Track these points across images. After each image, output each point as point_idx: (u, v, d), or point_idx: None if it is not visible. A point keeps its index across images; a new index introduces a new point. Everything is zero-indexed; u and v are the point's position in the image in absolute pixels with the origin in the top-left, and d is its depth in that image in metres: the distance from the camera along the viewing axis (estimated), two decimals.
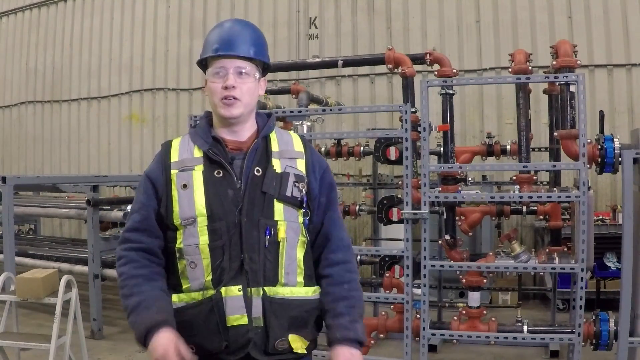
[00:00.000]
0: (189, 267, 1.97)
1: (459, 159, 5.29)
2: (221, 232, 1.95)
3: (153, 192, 2.04)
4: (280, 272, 1.98)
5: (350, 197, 8.26)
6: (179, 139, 2.13)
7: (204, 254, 1.95)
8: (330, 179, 2.17)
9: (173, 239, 2.01)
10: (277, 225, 1.98)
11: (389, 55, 5.31)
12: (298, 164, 2.08)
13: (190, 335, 1.93)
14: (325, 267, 2.10)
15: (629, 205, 4.19)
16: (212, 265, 1.94)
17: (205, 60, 2.08)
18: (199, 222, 1.96)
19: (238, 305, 1.92)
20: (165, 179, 2.03)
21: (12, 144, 12.45)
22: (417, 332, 4.65)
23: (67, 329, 4.74)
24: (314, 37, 9.62)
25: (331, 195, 2.15)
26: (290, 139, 2.14)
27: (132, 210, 2.10)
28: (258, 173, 2.01)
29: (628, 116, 7.95)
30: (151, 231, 2.03)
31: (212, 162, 2.01)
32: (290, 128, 5.75)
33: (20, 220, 9.27)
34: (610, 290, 6.59)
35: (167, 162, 2.05)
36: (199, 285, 1.95)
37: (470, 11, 8.70)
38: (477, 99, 8.61)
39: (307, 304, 2.02)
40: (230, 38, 2.03)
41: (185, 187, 1.99)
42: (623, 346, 4.19)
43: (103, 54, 11.36)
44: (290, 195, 2.02)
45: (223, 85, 2.00)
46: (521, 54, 4.77)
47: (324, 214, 2.12)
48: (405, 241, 4.62)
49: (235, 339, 1.92)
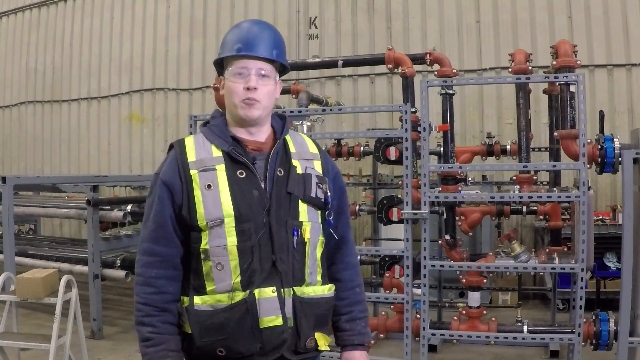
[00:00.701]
0: (215, 269, 1.92)
1: (459, 159, 5.29)
2: (250, 232, 1.92)
3: (169, 197, 1.97)
4: (306, 272, 1.99)
5: (350, 197, 8.24)
6: (192, 138, 2.07)
7: (232, 255, 1.91)
8: (341, 183, 2.21)
9: (197, 240, 1.95)
10: (302, 225, 1.99)
11: (389, 55, 5.31)
12: (316, 165, 2.09)
13: (221, 339, 1.91)
14: (341, 270, 2.16)
15: (629, 205, 4.19)
16: (240, 267, 1.91)
17: (222, 60, 2.06)
18: (226, 223, 1.92)
19: (273, 307, 1.91)
20: (185, 179, 1.97)
21: (12, 144, 12.45)
22: (417, 332, 4.65)
23: (67, 329, 4.74)
24: (314, 37, 9.62)
25: (343, 198, 2.19)
26: (304, 141, 2.15)
27: (146, 217, 2.02)
28: (281, 174, 2.00)
29: (628, 116, 7.95)
30: (168, 239, 1.97)
31: (234, 162, 1.98)
32: (290, 128, 5.75)
33: (20, 220, 9.27)
34: (610, 290, 6.60)
35: (184, 162, 1.98)
36: (226, 287, 1.91)
37: (470, 11, 8.71)
38: (477, 99, 8.62)
39: (327, 302, 2.06)
40: (253, 38, 2.02)
41: (209, 187, 1.94)
42: (623, 346, 4.19)
43: (103, 54, 11.37)
44: (315, 196, 2.03)
45: (245, 87, 1.98)
46: (521, 54, 4.77)
47: (339, 216, 2.15)
48: (405, 241, 4.62)
49: (270, 340, 1.91)
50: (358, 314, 2.14)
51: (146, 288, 1.96)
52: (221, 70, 2.09)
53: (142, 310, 1.95)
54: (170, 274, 1.98)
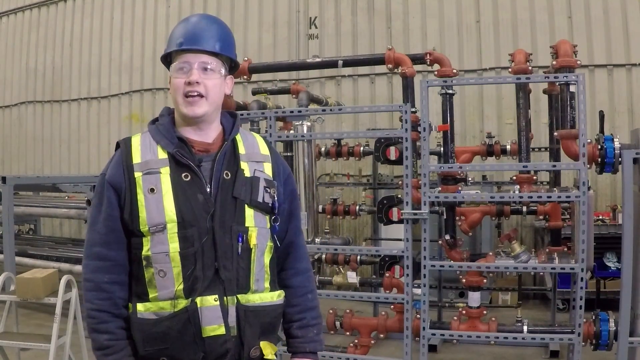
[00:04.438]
0: (158, 276, 1.85)
1: (459, 159, 5.29)
2: (193, 239, 1.85)
3: (116, 199, 1.90)
4: (251, 279, 1.93)
5: (350, 197, 8.26)
6: (138, 137, 1.98)
7: (174, 262, 1.84)
8: (292, 185, 2.12)
9: (139, 246, 1.88)
10: (248, 231, 1.92)
11: (389, 55, 5.31)
12: (265, 168, 2.02)
13: (164, 348, 1.86)
14: (291, 277, 2.10)
15: (629, 205, 4.19)
16: (183, 274, 1.84)
17: (170, 56, 1.99)
18: (168, 229, 1.85)
19: (215, 315, 1.85)
20: (129, 182, 1.89)
21: (12, 144, 12.45)
22: (417, 332, 4.65)
23: (67, 329, 4.74)
24: (314, 37, 9.62)
25: (294, 202, 2.12)
26: (256, 141, 2.07)
27: (94, 220, 1.93)
28: (227, 177, 1.92)
29: (628, 116, 7.96)
30: (120, 243, 1.90)
31: (179, 165, 1.90)
32: (290, 128, 5.75)
33: (20, 220, 9.28)
34: (610, 290, 6.59)
35: (129, 164, 1.90)
36: (169, 295, 1.85)
37: (470, 11, 8.71)
38: (477, 99, 8.62)
39: (275, 310, 2.00)
40: (196, 32, 1.94)
41: (152, 192, 1.86)
42: (623, 346, 4.19)
43: (103, 54, 11.37)
44: (262, 200, 1.96)
45: (186, 81, 1.91)
46: (521, 54, 4.77)
47: (288, 220, 2.08)
48: (405, 241, 4.62)
49: (212, 350, 1.86)
50: (310, 321, 2.08)
51: (99, 294, 1.89)
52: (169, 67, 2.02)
53: (97, 317, 1.88)
54: (122, 279, 1.91)
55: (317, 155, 5.99)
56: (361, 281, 5.45)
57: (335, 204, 5.88)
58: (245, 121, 5.50)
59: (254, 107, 5.76)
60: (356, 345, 5.02)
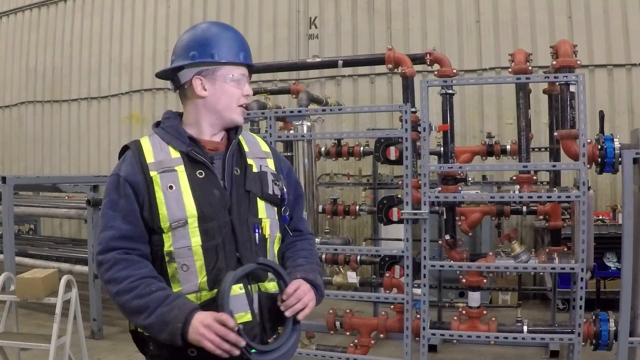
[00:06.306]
0: (181, 270, 1.91)
1: (459, 159, 5.29)
2: (214, 232, 1.93)
3: (134, 197, 1.93)
4: None
5: (350, 197, 8.26)
6: (147, 139, 2.05)
7: (197, 256, 1.91)
8: (295, 178, 2.27)
9: (159, 243, 1.93)
10: (262, 222, 2.03)
11: (389, 55, 5.31)
12: (269, 164, 2.14)
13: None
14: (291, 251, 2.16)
15: (629, 205, 4.19)
16: (206, 267, 1.91)
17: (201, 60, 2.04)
18: (189, 224, 1.92)
19: (242, 303, 1.91)
20: (145, 180, 1.94)
21: (12, 144, 12.45)
22: (417, 332, 4.65)
23: (67, 329, 4.74)
24: (314, 37, 9.61)
25: (297, 192, 2.24)
26: (256, 140, 2.20)
27: (111, 217, 1.93)
28: (238, 173, 2.04)
29: (628, 116, 7.95)
30: (144, 237, 1.94)
31: (193, 163, 1.98)
32: (290, 128, 5.75)
33: (20, 220, 9.28)
34: (610, 290, 6.59)
35: (143, 163, 1.96)
36: (193, 288, 1.91)
37: (470, 11, 8.70)
38: (477, 99, 8.61)
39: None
40: (246, 47, 2.10)
41: (171, 189, 1.93)
42: (623, 346, 4.19)
43: (103, 54, 11.36)
44: (272, 193, 2.08)
45: (245, 94, 2.07)
46: (521, 54, 4.77)
47: (293, 211, 2.20)
48: (405, 241, 4.63)
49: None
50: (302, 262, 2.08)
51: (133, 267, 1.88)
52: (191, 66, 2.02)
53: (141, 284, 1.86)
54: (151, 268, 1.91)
55: (317, 155, 5.99)
56: (361, 281, 5.46)
57: (335, 204, 5.88)
58: (246, 121, 5.48)
59: (254, 107, 5.76)
60: (356, 345, 5.02)
